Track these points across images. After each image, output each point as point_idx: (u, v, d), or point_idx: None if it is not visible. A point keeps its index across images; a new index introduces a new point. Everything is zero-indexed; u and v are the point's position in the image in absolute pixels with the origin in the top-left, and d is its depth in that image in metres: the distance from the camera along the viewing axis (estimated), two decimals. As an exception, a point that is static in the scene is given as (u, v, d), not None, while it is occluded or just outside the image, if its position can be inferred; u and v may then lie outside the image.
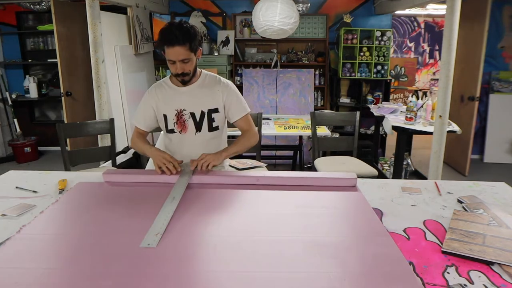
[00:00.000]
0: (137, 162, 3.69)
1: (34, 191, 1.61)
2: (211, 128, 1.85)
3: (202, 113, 1.82)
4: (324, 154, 3.96)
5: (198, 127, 1.84)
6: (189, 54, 1.69)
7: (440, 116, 2.88)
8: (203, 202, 1.48)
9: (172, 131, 1.86)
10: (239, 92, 1.90)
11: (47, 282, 0.97)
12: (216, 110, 1.84)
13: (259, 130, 3.04)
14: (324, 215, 1.35)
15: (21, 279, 0.98)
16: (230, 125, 1.98)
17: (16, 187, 1.65)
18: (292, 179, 1.66)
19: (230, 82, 1.89)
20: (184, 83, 1.79)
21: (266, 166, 2.59)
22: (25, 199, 1.53)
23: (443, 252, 1.10)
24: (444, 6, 2.82)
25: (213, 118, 1.84)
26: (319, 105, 5.28)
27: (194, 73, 1.79)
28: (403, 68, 5.99)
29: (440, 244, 1.16)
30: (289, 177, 1.67)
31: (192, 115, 1.82)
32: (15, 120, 5.18)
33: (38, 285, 0.96)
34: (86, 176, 1.80)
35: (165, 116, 1.85)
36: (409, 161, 4.11)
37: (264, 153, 4.44)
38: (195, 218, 1.35)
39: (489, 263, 1.05)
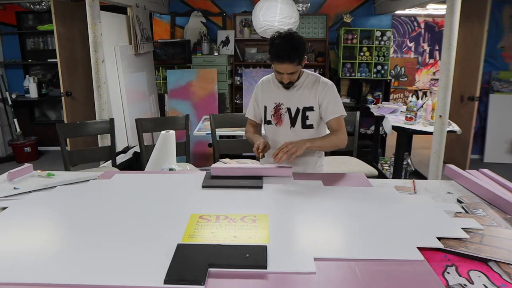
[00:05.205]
0: (137, 161, 3.70)
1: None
2: (305, 126, 1.90)
3: (297, 110, 1.88)
4: (324, 154, 3.96)
5: (293, 123, 1.90)
6: (297, 68, 1.77)
7: (440, 116, 2.88)
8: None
9: (269, 122, 1.95)
10: (337, 94, 1.89)
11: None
12: (311, 109, 1.88)
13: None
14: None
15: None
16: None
17: (14, 188, 1.64)
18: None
19: (330, 83, 1.89)
20: (287, 88, 1.87)
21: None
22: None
23: (440, 250, 1.11)
24: (444, 6, 2.83)
25: (307, 116, 1.88)
26: (319, 105, 5.28)
27: (298, 79, 1.86)
28: (403, 68, 6.00)
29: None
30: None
31: (288, 110, 1.90)
32: (15, 120, 5.18)
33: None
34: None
35: (265, 108, 1.96)
36: (409, 161, 4.11)
37: (264, 153, 4.44)
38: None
39: (484, 261, 1.05)
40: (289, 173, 1.73)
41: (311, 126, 1.90)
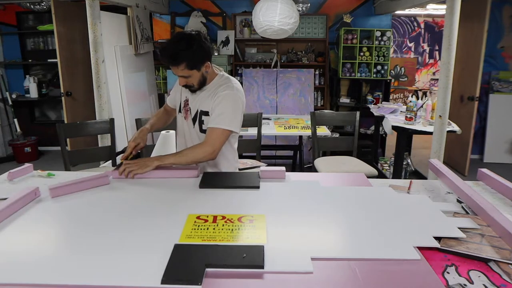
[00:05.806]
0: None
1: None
2: (201, 130, 1.85)
3: (197, 112, 1.85)
4: (324, 154, 3.96)
5: (194, 123, 1.88)
6: (188, 72, 1.70)
7: (440, 116, 2.88)
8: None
9: (180, 111, 1.95)
10: (232, 106, 1.75)
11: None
12: (207, 113, 1.82)
13: (259, 130, 3.04)
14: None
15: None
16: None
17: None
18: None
19: (228, 92, 1.77)
20: (193, 91, 1.83)
21: (266, 166, 2.58)
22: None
23: (440, 250, 1.10)
24: (444, 6, 2.82)
25: (203, 120, 1.83)
26: (319, 105, 5.28)
27: (202, 84, 1.80)
28: (403, 68, 6.00)
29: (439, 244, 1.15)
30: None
31: (191, 110, 1.88)
32: (15, 120, 5.19)
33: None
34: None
35: (179, 99, 1.95)
36: (409, 161, 4.11)
37: (264, 153, 4.44)
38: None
39: (485, 261, 1.05)
40: (283, 175, 1.71)
41: (206, 132, 1.78)
